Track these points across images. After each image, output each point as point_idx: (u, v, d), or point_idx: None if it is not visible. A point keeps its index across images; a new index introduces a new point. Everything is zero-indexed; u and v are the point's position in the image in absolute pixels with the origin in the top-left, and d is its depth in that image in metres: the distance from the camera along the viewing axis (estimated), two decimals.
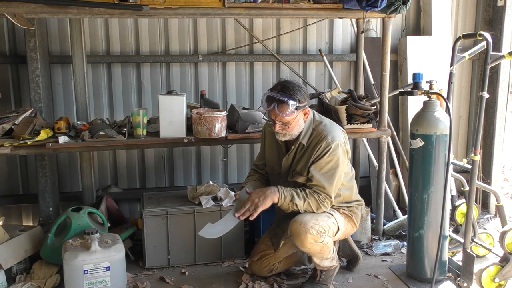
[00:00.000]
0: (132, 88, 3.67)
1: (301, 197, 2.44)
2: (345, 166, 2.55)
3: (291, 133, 2.47)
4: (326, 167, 2.46)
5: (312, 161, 2.47)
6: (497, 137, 3.93)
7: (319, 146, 2.45)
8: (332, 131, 2.49)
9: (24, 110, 3.10)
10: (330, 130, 2.49)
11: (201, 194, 3.05)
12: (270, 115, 2.43)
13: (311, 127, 2.53)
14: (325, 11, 3.01)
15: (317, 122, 2.54)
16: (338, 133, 2.51)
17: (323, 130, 2.49)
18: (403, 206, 3.77)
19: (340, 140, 2.48)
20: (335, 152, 2.45)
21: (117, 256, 2.55)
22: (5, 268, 2.63)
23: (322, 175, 2.46)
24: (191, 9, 2.78)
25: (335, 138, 2.46)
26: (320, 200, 2.46)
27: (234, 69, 3.80)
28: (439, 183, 2.63)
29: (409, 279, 2.81)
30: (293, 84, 2.43)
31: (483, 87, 2.51)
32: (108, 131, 2.89)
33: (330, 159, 2.45)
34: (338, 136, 2.49)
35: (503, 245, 2.65)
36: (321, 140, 2.46)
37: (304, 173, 2.51)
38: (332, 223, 2.52)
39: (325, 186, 2.46)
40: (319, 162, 2.45)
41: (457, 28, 4.07)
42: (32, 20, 3.05)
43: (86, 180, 3.47)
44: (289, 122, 2.41)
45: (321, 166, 2.46)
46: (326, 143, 2.44)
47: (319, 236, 2.44)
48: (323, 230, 2.46)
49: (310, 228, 2.42)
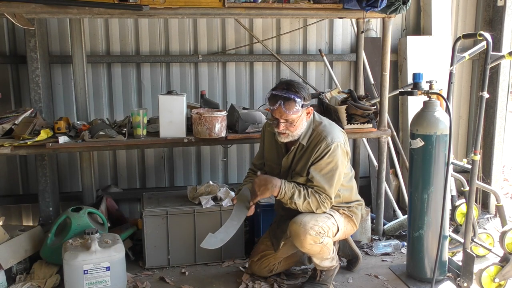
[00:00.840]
0: (132, 88, 3.67)
1: (301, 196, 2.44)
2: (345, 167, 2.55)
3: (293, 133, 2.46)
4: (326, 168, 2.46)
5: (312, 162, 2.47)
6: (497, 137, 3.93)
7: (318, 146, 2.45)
8: (332, 132, 2.49)
9: (24, 110, 3.10)
10: (330, 130, 2.49)
11: (201, 194, 3.05)
12: (275, 114, 2.41)
13: (311, 127, 2.53)
14: (325, 11, 3.01)
15: (317, 123, 2.54)
16: (338, 134, 2.51)
17: (323, 130, 2.49)
18: (403, 206, 3.77)
19: (340, 141, 2.48)
20: (335, 153, 2.44)
21: (117, 256, 2.55)
22: (5, 268, 2.63)
23: (322, 176, 2.45)
24: (191, 9, 2.79)
25: (334, 139, 2.46)
26: (320, 201, 2.46)
27: (234, 69, 3.80)
28: (439, 183, 2.63)
29: (409, 279, 2.81)
30: (297, 83, 2.46)
31: (483, 87, 2.51)
32: (108, 131, 2.89)
33: (330, 160, 2.44)
34: (338, 137, 2.49)
35: (503, 245, 2.65)
36: (320, 140, 2.46)
37: (304, 174, 2.50)
38: (332, 224, 2.52)
39: (325, 187, 2.46)
40: (319, 163, 2.45)
41: (457, 28, 4.07)
42: (32, 20, 3.05)
43: (86, 180, 3.47)
44: (294, 121, 2.41)
45: (321, 167, 2.45)
46: (326, 144, 2.44)
47: (318, 237, 2.44)
48: (323, 231, 2.46)
49: (310, 229, 2.42)
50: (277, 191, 2.42)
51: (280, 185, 2.42)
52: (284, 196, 2.43)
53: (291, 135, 2.46)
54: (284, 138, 2.48)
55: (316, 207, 2.46)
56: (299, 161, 2.53)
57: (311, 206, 2.45)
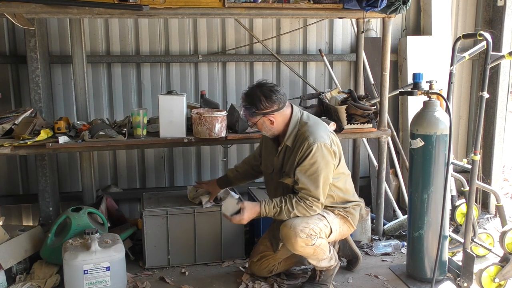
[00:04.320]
0: (132, 88, 3.67)
1: (284, 212, 2.47)
2: (332, 167, 2.51)
3: (268, 133, 2.58)
4: (310, 170, 2.44)
5: (297, 162, 2.46)
6: (497, 137, 3.94)
7: (302, 147, 2.44)
8: (315, 132, 2.46)
9: (24, 110, 3.10)
10: (313, 130, 2.47)
11: (201, 194, 3.04)
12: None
13: (296, 127, 2.52)
14: (325, 11, 3.01)
15: (303, 123, 2.52)
16: (322, 134, 2.48)
17: (306, 131, 2.47)
18: (403, 206, 3.77)
19: (324, 140, 2.45)
20: (318, 153, 2.42)
21: (117, 256, 2.55)
22: (5, 268, 2.63)
23: (308, 178, 2.44)
24: (191, 9, 2.79)
25: (317, 139, 2.43)
26: (307, 206, 2.45)
27: (234, 69, 3.80)
28: (439, 183, 2.63)
29: (409, 279, 2.81)
30: (254, 92, 2.50)
31: (483, 87, 2.51)
32: (108, 131, 2.89)
33: (314, 160, 2.42)
34: (321, 137, 2.45)
35: (503, 245, 2.65)
36: (303, 141, 2.45)
37: (291, 175, 2.50)
38: (324, 225, 2.51)
39: (311, 189, 2.44)
40: (303, 164, 2.44)
41: (457, 28, 4.07)
42: (32, 20, 3.05)
43: (86, 180, 3.47)
44: (256, 125, 2.54)
45: (306, 169, 2.44)
46: (308, 144, 2.43)
47: (309, 239, 2.43)
48: (314, 233, 2.44)
49: (300, 232, 2.41)
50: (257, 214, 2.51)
51: (260, 210, 2.49)
52: (267, 215, 2.50)
53: (267, 133, 2.58)
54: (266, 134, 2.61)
55: (304, 214, 2.46)
56: (288, 162, 2.54)
57: (299, 216, 2.46)
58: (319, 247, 2.49)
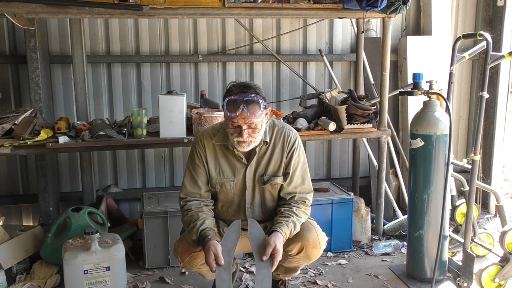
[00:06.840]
0: (132, 88, 3.67)
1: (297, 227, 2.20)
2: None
3: (256, 139, 2.16)
4: (302, 160, 2.32)
5: (289, 157, 2.26)
6: (497, 137, 3.94)
7: (288, 140, 2.27)
8: (284, 124, 2.36)
9: (24, 110, 3.10)
10: (282, 123, 2.36)
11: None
12: (237, 120, 2.08)
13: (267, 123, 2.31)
14: (325, 11, 3.01)
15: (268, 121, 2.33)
16: (288, 125, 2.39)
17: (282, 125, 2.32)
18: (403, 206, 3.77)
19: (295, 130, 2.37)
20: (300, 143, 2.33)
21: (117, 256, 2.54)
22: (5, 268, 2.63)
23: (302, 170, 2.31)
24: (191, 9, 2.79)
25: (291, 129, 2.33)
26: (306, 206, 2.30)
27: (234, 69, 3.80)
28: (439, 183, 2.63)
29: (409, 279, 2.81)
30: (252, 83, 2.16)
31: (483, 87, 2.51)
32: (108, 131, 2.89)
33: (302, 150, 2.33)
34: (291, 128, 2.35)
35: (503, 245, 2.65)
36: (287, 134, 2.28)
37: (280, 173, 2.27)
38: None
39: (305, 182, 2.32)
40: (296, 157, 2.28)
41: (457, 28, 4.07)
42: (32, 20, 3.05)
43: (86, 180, 3.48)
44: (258, 125, 2.11)
45: (298, 160, 2.30)
46: (294, 136, 2.29)
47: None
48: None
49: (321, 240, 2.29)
50: (283, 240, 2.12)
51: (283, 236, 2.11)
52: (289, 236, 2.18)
53: (253, 141, 2.15)
54: (246, 147, 2.16)
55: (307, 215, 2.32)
56: (269, 162, 2.27)
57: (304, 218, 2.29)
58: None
